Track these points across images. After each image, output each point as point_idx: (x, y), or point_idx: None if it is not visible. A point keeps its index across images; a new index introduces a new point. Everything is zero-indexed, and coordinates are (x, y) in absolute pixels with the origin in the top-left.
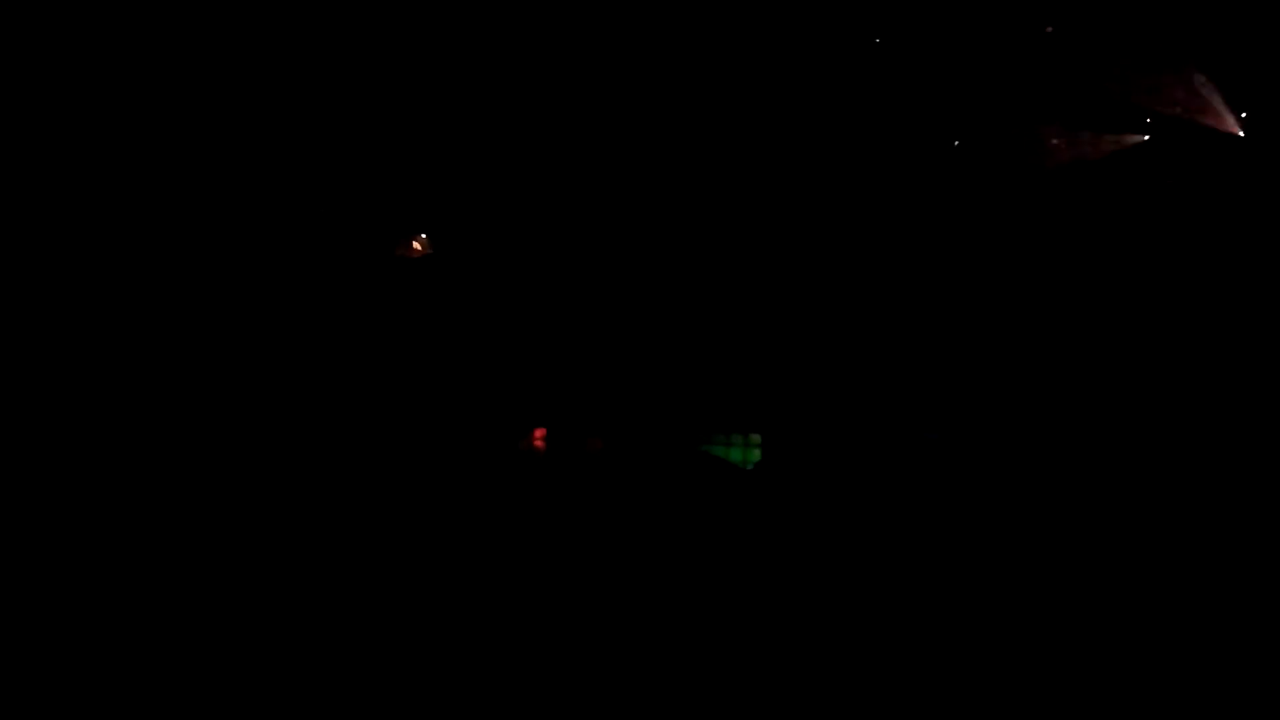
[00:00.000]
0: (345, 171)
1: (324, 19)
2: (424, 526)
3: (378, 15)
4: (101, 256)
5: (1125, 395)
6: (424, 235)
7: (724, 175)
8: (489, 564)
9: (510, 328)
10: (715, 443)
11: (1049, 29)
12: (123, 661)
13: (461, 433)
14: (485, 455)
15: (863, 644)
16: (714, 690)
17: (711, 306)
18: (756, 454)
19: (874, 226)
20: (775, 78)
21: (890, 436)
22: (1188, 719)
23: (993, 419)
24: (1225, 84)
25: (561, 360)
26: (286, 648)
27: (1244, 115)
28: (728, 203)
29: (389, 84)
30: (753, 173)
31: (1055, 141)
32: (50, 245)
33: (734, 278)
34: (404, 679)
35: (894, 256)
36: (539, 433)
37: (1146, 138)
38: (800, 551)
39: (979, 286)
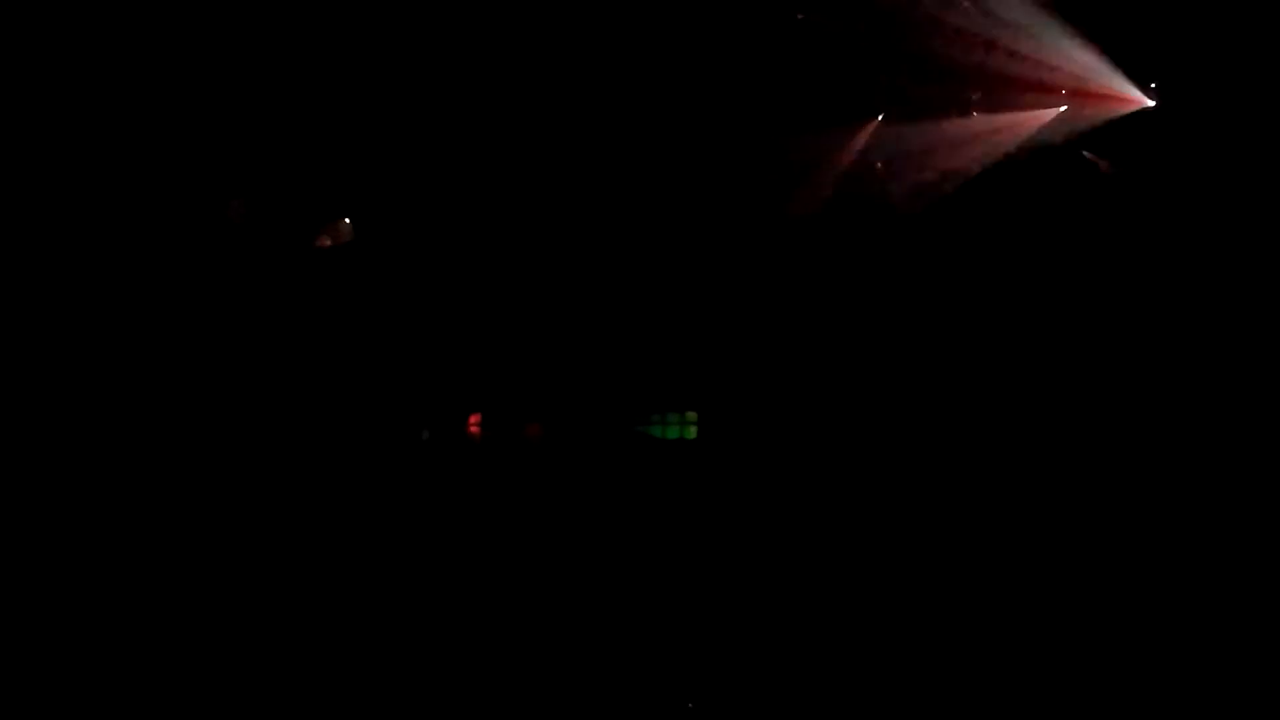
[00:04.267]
0: (265, 158)
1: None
2: (361, 518)
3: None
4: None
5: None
6: (346, 220)
7: (654, 157)
8: (431, 552)
9: (442, 314)
10: (652, 423)
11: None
12: (112, 661)
13: (392, 422)
14: (420, 444)
15: (803, 619)
16: (665, 671)
17: (646, 288)
18: (693, 432)
19: (801, 210)
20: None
21: (828, 412)
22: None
23: (924, 400)
24: (1129, 55)
25: (497, 345)
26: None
27: (1153, 85)
28: (659, 184)
29: (309, 68)
30: (682, 155)
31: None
32: None
33: (667, 258)
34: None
35: (823, 237)
36: (474, 418)
37: (1047, 118)
38: (741, 529)
39: (909, 269)
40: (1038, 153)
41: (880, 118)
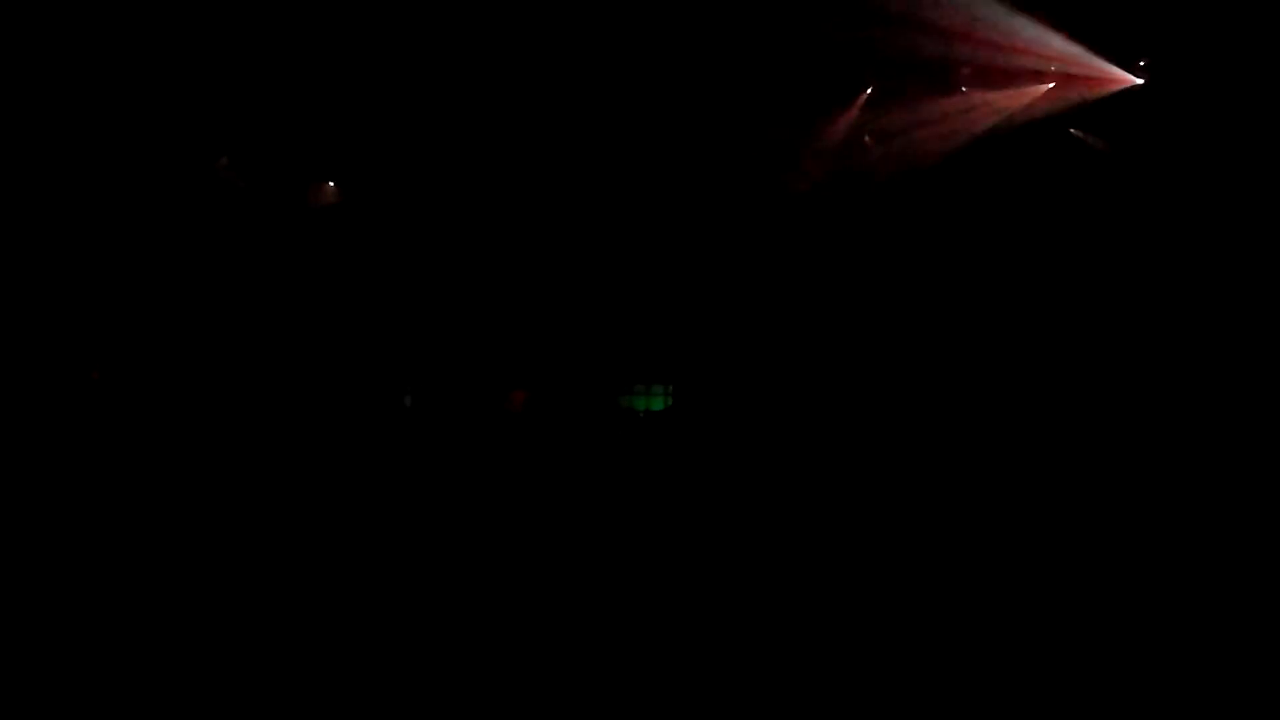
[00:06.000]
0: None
1: None
2: (347, 475)
3: None
4: None
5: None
6: (331, 184)
7: (635, 139)
8: (422, 516)
9: (430, 284)
10: (634, 393)
11: None
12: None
13: (381, 388)
14: (416, 413)
15: (763, 580)
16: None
17: (628, 268)
18: (665, 402)
19: (787, 188)
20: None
21: (790, 383)
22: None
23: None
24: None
25: (485, 316)
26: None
27: (1142, 63)
28: (639, 166)
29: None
30: (662, 136)
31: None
32: None
33: (646, 240)
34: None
35: (805, 214)
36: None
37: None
38: (712, 492)
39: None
40: (1026, 130)
41: (868, 91)
